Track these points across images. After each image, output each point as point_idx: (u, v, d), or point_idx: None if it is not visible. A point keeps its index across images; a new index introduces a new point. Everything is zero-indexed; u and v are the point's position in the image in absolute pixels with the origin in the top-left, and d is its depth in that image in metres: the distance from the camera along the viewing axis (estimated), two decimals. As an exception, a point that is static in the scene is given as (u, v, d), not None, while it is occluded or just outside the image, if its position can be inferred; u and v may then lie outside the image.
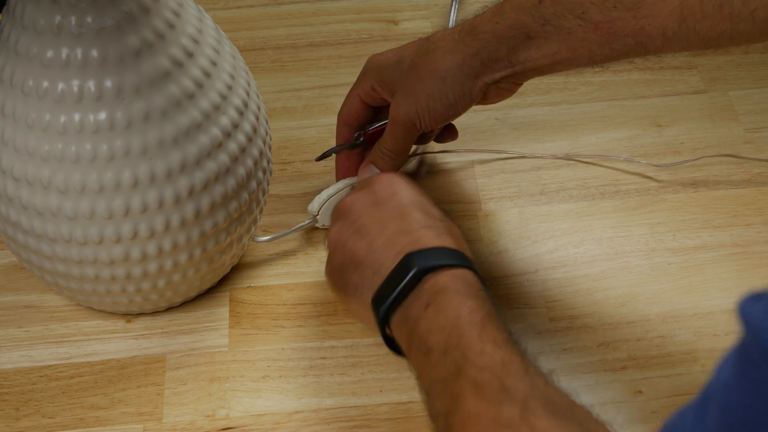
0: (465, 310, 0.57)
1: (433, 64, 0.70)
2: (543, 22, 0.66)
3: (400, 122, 0.73)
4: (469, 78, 0.70)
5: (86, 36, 0.61)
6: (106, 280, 0.70)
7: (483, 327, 0.56)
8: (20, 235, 0.68)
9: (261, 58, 0.96)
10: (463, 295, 0.58)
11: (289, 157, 0.88)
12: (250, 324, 0.77)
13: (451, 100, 0.71)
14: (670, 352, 0.74)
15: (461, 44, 0.69)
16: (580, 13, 0.65)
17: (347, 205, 0.67)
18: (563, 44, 0.66)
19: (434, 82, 0.70)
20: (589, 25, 0.65)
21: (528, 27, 0.67)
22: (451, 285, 0.59)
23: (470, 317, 0.56)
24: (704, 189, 0.85)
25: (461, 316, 0.56)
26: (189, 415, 0.72)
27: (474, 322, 0.56)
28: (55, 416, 0.72)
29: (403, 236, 0.62)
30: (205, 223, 0.69)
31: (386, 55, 0.75)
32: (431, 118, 0.72)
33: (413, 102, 0.71)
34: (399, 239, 0.62)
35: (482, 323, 0.56)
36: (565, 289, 0.79)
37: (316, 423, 0.71)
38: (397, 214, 0.64)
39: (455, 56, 0.69)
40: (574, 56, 0.67)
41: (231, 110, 0.68)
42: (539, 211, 0.84)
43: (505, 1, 0.68)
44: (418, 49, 0.72)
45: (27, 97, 0.63)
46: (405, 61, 0.72)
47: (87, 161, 0.64)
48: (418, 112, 0.71)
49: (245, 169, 0.70)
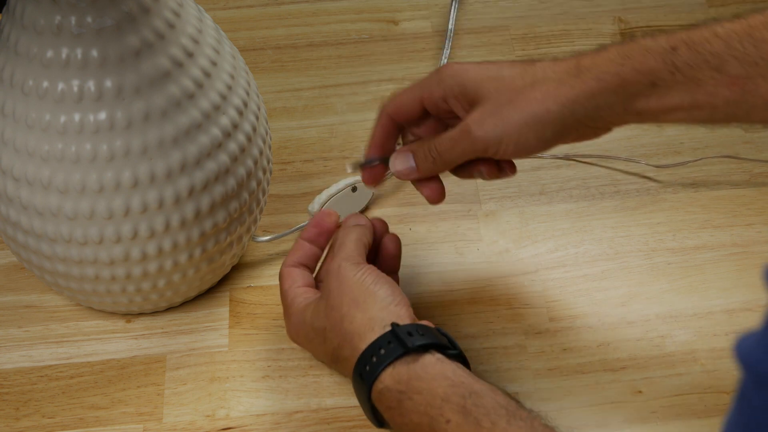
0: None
1: (540, 93, 0.63)
2: (673, 70, 0.60)
3: (475, 138, 0.64)
4: (575, 118, 0.63)
5: (86, 36, 0.61)
6: (106, 280, 0.70)
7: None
8: (20, 235, 0.68)
9: (261, 58, 0.96)
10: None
11: (289, 157, 0.88)
12: (250, 324, 0.77)
13: (549, 136, 0.63)
14: (670, 352, 0.74)
15: (578, 80, 0.62)
16: (716, 65, 0.59)
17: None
18: (687, 96, 0.60)
19: (537, 112, 0.63)
20: (725, 79, 0.59)
21: (656, 74, 0.60)
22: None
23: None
24: (704, 189, 0.85)
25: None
26: (189, 415, 0.72)
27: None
28: (55, 416, 0.72)
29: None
30: (205, 223, 0.69)
31: (474, 68, 0.66)
32: (516, 148, 0.64)
33: (502, 125, 0.63)
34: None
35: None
36: (565, 289, 0.79)
37: (316, 423, 0.71)
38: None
39: (569, 92, 0.62)
40: (692, 113, 0.61)
41: (231, 110, 0.68)
42: (539, 211, 0.84)
43: (633, 41, 0.62)
44: (523, 73, 0.64)
45: (27, 97, 0.63)
46: (504, 81, 0.64)
47: (87, 161, 0.64)
48: (504, 138, 0.64)
49: (245, 169, 0.70)
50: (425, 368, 0.61)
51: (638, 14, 0.98)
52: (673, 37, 0.60)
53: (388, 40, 0.97)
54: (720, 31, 0.59)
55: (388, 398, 0.61)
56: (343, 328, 0.64)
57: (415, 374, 0.60)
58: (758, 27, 0.58)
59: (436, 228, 0.83)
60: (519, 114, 0.63)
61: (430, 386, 0.60)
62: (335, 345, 0.65)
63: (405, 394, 0.60)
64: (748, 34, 0.59)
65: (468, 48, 0.96)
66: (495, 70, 0.65)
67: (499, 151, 0.65)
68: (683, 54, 0.59)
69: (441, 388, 0.59)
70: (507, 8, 0.99)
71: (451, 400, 0.58)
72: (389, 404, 0.61)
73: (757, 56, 0.58)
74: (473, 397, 0.58)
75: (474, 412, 0.57)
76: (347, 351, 0.64)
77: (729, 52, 0.59)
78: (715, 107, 0.60)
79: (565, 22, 0.98)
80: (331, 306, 0.66)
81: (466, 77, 0.65)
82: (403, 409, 0.60)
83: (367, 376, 0.62)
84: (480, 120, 0.64)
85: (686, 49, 0.59)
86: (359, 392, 0.64)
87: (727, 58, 0.58)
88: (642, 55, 0.61)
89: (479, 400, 0.58)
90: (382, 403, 0.62)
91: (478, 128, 0.64)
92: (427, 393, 0.59)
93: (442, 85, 0.66)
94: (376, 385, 0.62)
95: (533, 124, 0.63)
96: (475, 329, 0.76)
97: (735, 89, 0.59)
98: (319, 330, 0.67)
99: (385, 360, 0.61)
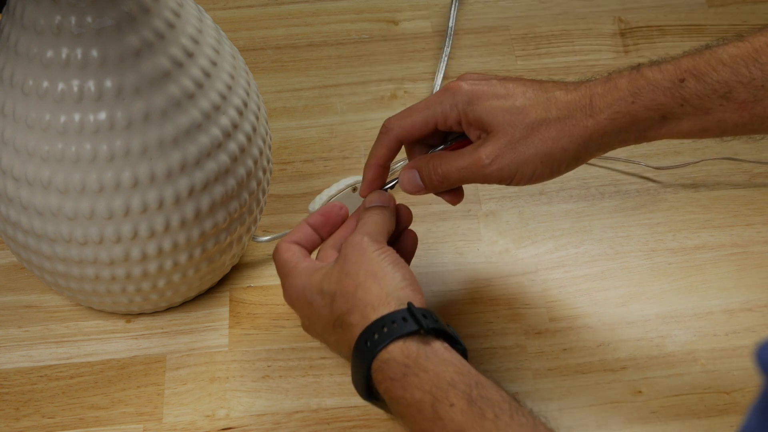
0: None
1: (555, 131, 0.64)
2: (682, 102, 0.61)
3: (488, 173, 0.66)
4: (589, 152, 0.65)
5: (86, 36, 0.61)
6: (106, 280, 0.70)
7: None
8: (20, 235, 0.68)
9: (261, 58, 0.96)
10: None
11: (289, 157, 0.88)
12: (250, 324, 0.77)
13: (562, 169, 0.65)
14: (670, 352, 0.74)
15: (591, 120, 0.63)
16: (724, 93, 0.60)
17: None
18: (697, 124, 0.62)
19: (552, 152, 0.64)
20: (733, 105, 0.61)
21: (665, 108, 0.62)
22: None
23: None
24: (704, 189, 0.85)
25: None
26: (189, 415, 0.72)
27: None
28: (55, 416, 0.72)
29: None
30: (205, 223, 0.69)
31: (487, 93, 0.66)
32: (528, 180, 0.66)
33: (520, 160, 0.65)
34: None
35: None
36: (565, 289, 0.79)
37: (316, 423, 0.71)
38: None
39: (583, 132, 0.63)
40: (702, 135, 0.63)
41: (231, 110, 0.68)
42: (539, 211, 0.84)
43: (640, 76, 0.63)
44: (535, 103, 0.65)
45: (27, 97, 0.63)
46: (517, 114, 0.65)
47: (87, 161, 0.64)
48: (519, 172, 0.65)
49: (245, 169, 0.70)
50: (435, 352, 0.61)
51: (638, 14, 0.98)
52: (679, 66, 0.62)
53: (388, 40, 0.97)
54: (725, 58, 0.61)
55: (392, 369, 0.61)
56: (357, 296, 0.64)
57: (424, 354, 0.61)
58: (763, 50, 0.60)
59: (436, 228, 0.83)
60: (534, 151, 0.64)
61: (437, 369, 0.60)
62: (343, 311, 0.64)
63: (411, 369, 0.60)
64: (753, 59, 0.60)
65: (468, 48, 0.96)
66: (509, 100, 0.66)
67: (512, 183, 0.66)
68: (691, 86, 0.61)
69: (448, 374, 0.59)
70: (507, 8, 0.99)
71: (457, 386, 0.58)
72: (392, 375, 0.61)
73: (764, 79, 0.59)
74: (479, 387, 0.58)
75: (479, 401, 0.57)
76: (356, 318, 0.63)
77: (736, 78, 0.60)
78: (724, 130, 0.62)
79: (565, 22, 0.98)
80: (347, 272, 0.65)
81: (481, 108, 0.66)
82: (407, 383, 0.60)
83: (374, 343, 0.61)
84: (493, 155, 0.65)
85: (694, 81, 0.61)
86: (360, 358, 0.63)
87: (735, 85, 0.60)
88: (651, 92, 0.62)
89: (485, 392, 0.58)
90: (382, 373, 0.61)
91: (493, 163, 0.65)
92: (434, 374, 0.59)
93: (456, 110, 0.67)
94: (382, 354, 0.61)
95: (548, 161, 0.64)
96: (475, 329, 0.76)
97: (744, 114, 0.60)
98: (328, 293, 0.65)
99: (398, 332, 0.61)
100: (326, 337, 0.67)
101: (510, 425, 0.55)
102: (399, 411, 0.61)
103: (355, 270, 0.64)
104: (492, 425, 0.55)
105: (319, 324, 0.67)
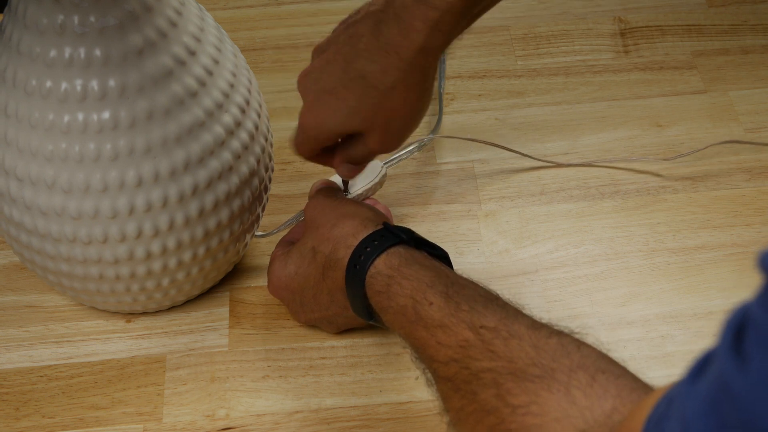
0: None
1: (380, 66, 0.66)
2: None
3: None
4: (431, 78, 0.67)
5: (89, 35, 0.61)
6: (110, 279, 0.70)
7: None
8: (24, 235, 0.68)
9: (261, 58, 0.96)
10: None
11: (289, 157, 0.88)
12: (250, 324, 0.77)
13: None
14: (670, 352, 0.74)
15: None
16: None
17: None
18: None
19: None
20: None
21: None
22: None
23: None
24: (704, 189, 0.85)
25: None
26: (189, 415, 0.72)
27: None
28: (55, 416, 0.72)
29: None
30: (209, 220, 0.69)
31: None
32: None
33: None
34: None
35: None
36: (565, 289, 0.79)
37: (316, 423, 0.71)
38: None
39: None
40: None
41: (233, 108, 0.68)
42: (539, 211, 0.84)
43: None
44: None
45: (30, 96, 0.63)
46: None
47: (91, 161, 0.64)
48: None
49: (248, 167, 0.70)
50: (415, 258, 0.64)
51: (638, 14, 0.99)
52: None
53: (388, 40, 0.97)
54: None
55: (378, 282, 0.64)
56: (334, 234, 0.67)
57: (405, 262, 0.64)
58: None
59: (436, 228, 0.83)
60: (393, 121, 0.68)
61: (417, 274, 0.63)
62: (327, 252, 0.68)
63: (394, 279, 0.63)
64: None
65: (468, 48, 0.96)
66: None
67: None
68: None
69: (427, 277, 0.62)
70: (507, 8, 0.99)
71: (435, 287, 0.61)
72: (378, 288, 0.64)
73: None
74: (456, 286, 0.61)
75: (455, 297, 0.60)
76: (342, 251, 0.67)
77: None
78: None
79: (565, 22, 0.98)
80: (317, 226, 0.69)
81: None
82: (391, 293, 0.63)
83: (361, 264, 0.65)
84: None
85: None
86: (353, 282, 0.66)
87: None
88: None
89: (461, 290, 0.61)
90: (372, 288, 0.64)
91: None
92: (414, 279, 0.62)
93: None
94: (370, 270, 0.64)
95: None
96: (475, 329, 0.76)
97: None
98: (307, 253, 0.69)
99: (380, 248, 0.65)
100: (320, 299, 0.70)
101: (484, 314, 0.58)
102: (388, 320, 0.64)
103: (323, 220, 0.69)
104: (467, 315, 0.58)
105: (308, 289, 0.71)
